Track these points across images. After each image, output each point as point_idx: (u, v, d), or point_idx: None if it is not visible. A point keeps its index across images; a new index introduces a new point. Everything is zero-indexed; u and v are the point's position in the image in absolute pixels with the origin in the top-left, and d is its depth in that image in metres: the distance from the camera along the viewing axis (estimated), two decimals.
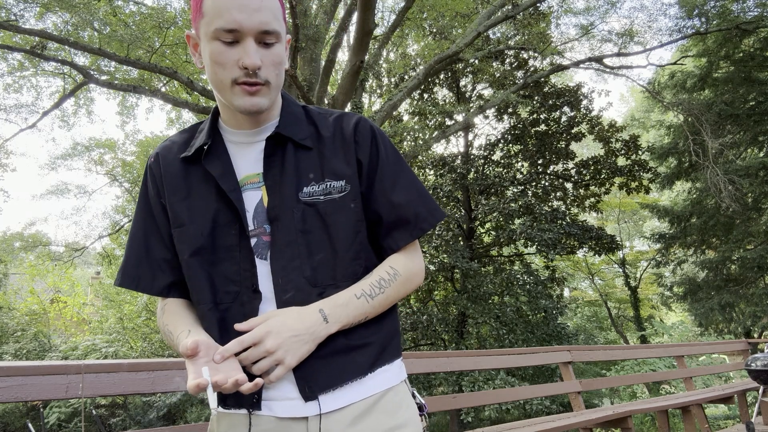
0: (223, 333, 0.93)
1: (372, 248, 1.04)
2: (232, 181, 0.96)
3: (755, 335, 13.02)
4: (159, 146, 1.06)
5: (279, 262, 0.93)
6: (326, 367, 0.92)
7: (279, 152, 0.98)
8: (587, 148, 21.80)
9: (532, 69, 12.64)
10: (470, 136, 14.05)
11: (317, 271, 0.94)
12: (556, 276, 12.26)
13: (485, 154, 13.18)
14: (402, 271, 1.01)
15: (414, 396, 1.05)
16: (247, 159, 0.99)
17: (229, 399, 0.95)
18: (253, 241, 0.95)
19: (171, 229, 1.00)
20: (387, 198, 1.00)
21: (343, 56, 12.21)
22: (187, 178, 0.99)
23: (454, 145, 14.60)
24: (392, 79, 12.80)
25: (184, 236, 0.97)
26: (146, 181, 1.04)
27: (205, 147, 0.98)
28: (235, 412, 0.95)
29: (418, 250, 1.07)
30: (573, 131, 12.37)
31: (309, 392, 0.91)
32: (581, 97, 12.25)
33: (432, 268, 11.14)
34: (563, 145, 12.47)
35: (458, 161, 12.72)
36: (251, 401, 0.93)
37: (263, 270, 0.94)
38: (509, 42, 12.05)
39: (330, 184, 0.97)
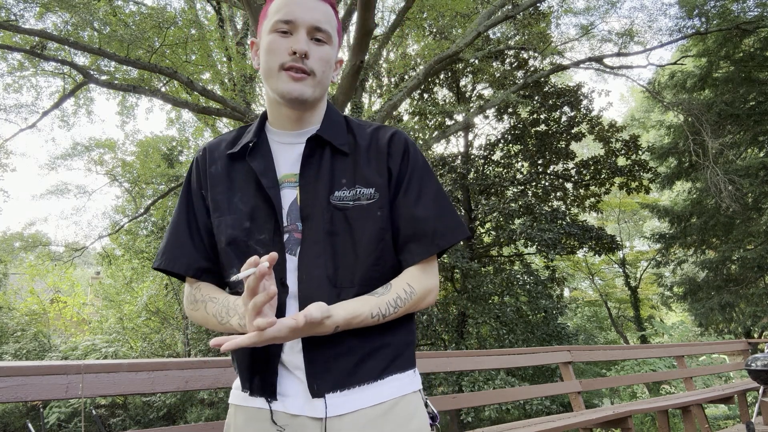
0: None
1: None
2: (272, 179, 1.02)
3: (755, 335, 13.01)
4: (208, 142, 1.14)
5: (305, 259, 0.98)
6: (337, 367, 0.95)
7: (317, 154, 1.04)
8: (587, 148, 21.80)
9: (532, 69, 12.64)
10: (470, 136, 14.06)
11: (338, 272, 0.98)
12: (556, 276, 12.26)
13: (485, 154, 13.18)
14: (418, 289, 1.01)
15: (426, 405, 1.06)
16: (287, 159, 1.05)
17: (254, 386, 0.99)
18: (285, 236, 1.00)
19: (209, 219, 1.07)
20: (409, 210, 1.03)
21: (343, 56, 12.18)
22: (231, 172, 1.06)
23: (454, 145, 14.62)
24: (392, 79, 12.80)
25: (223, 226, 1.03)
26: (191, 173, 1.11)
27: (251, 144, 1.05)
28: (252, 405, 0.99)
29: (436, 267, 1.07)
30: (573, 131, 12.37)
31: (317, 389, 0.94)
32: (581, 97, 12.24)
33: None
34: (563, 145, 12.47)
35: (458, 161, 12.72)
36: (270, 391, 0.97)
37: (291, 265, 0.98)
38: (509, 42, 12.04)
39: (360, 191, 1.01)
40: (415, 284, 1.01)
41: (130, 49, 7.79)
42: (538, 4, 10.53)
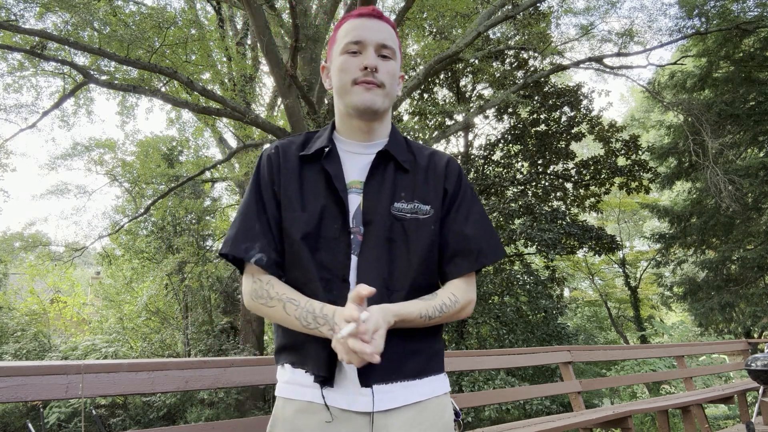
0: None
1: (438, 272, 1.19)
2: (342, 182, 1.11)
3: (755, 335, 13.01)
4: (278, 142, 1.21)
5: (364, 261, 1.07)
6: (384, 362, 0.99)
7: (382, 167, 1.14)
8: (587, 148, 21.80)
9: (532, 69, 12.63)
10: (470, 136, 14.06)
11: (393, 275, 1.08)
12: (556, 276, 12.26)
13: (485, 154, 13.18)
14: (461, 299, 1.13)
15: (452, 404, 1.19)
16: (354, 167, 1.15)
17: (308, 363, 1.07)
18: (351, 237, 1.09)
19: (279, 213, 1.13)
20: (459, 227, 1.16)
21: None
22: (302, 172, 1.14)
23: (454, 145, 14.61)
24: None
25: (296, 221, 1.10)
26: (260, 168, 1.17)
27: (326, 150, 1.14)
28: (302, 399, 1.06)
29: (475, 281, 1.20)
30: (573, 131, 12.37)
31: (366, 379, 1.03)
32: (581, 97, 12.24)
33: None
34: (563, 145, 12.47)
35: (458, 161, 12.71)
36: (330, 374, 1.04)
37: (353, 265, 1.08)
38: (509, 42, 12.04)
39: (417, 206, 1.12)
40: (459, 295, 1.13)
41: (130, 49, 7.79)
42: (538, 4, 10.53)
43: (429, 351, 1.12)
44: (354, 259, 1.07)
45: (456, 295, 1.12)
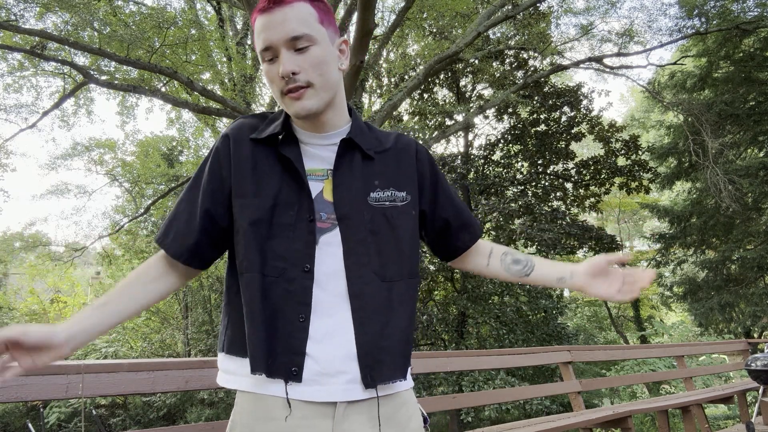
0: (264, 301, 0.98)
1: (437, 252, 1.24)
2: (302, 166, 1.04)
3: (755, 335, 13.01)
4: (228, 129, 1.12)
5: (351, 258, 1.01)
6: (388, 361, 1.00)
7: (348, 156, 1.07)
8: (587, 148, 21.79)
9: (532, 69, 12.64)
10: (470, 136, 14.05)
11: (386, 267, 1.03)
12: None
13: (485, 154, 13.18)
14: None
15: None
16: (313, 157, 1.07)
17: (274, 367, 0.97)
18: (314, 226, 1.03)
19: (225, 200, 1.05)
20: (453, 205, 1.18)
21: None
22: (254, 156, 1.05)
23: (454, 145, 14.61)
24: (392, 79, 12.80)
25: (246, 207, 1.02)
26: (208, 158, 1.10)
27: (280, 137, 1.06)
28: (265, 393, 0.97)
29: None
30: (573, 131, 12.37)
31: (371, 380, 0.97)
32: (581, 97, 12.24)
33: (432, 268, 11.13)
34: (563, 145, 12.47)
35: (458, 161, 12.72)
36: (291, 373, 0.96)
37: (317, 254, 1.00)
38: (509, 42, 12.04)
39: (393, 193, 1.08)
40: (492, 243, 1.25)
41: (130, 49, 7.79)
42: (538, 4, 10.53)
43: (411, 349, 1.09)
44: (318, 249, 1.00)
45: (493, 244, 1.24)
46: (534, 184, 12.53)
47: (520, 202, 11.26)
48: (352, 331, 0.98)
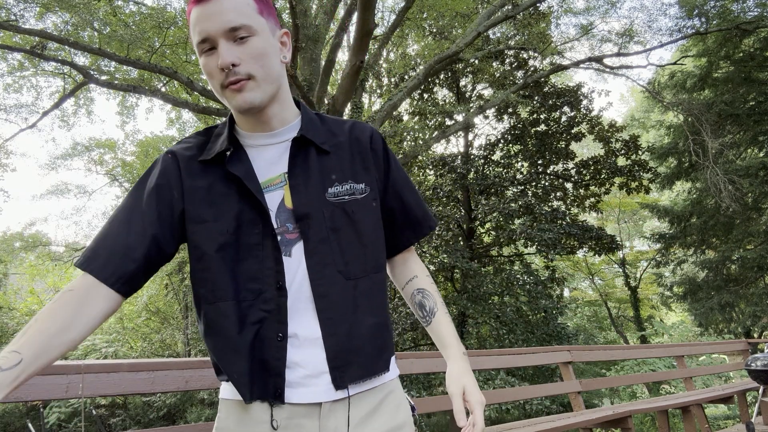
0: (242, 329, 0.95)
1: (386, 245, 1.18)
2: (256, 182, 1.00)
3: (755, 335, 13.01)
4: (174, 146, 1.08)
5: (314, 258, 0.98)
6: (361, 361, 0.99)
7: (302, 154, 1.03)
8: (587, 148, 21.79)
9: (532, 69, 12.64)
10: (470, 136, 14.06)
11: (349, 265, 1.00)
12: (556, 276, 12.26)
13: (485, 154, 13.18)
14: (428, 273, 1.17)
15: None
16: (265, 161, 1.03)
17: (255, 390, 0.96)
18: (278, 238, 0.99)
19: (175, 224, 1.00)
20: (401, 198, 1.14)
21: (343, 56, 12.21)
22: (206, 178, 1.01)
23: (454, 145, 14.62)
24: (392, 79, 12.80)
25: (208, 233, 0.98)
26: (150, 173, 1.03)
27: (228, 153, 1.01)
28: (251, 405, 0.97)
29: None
30: (573, 131, 12.37)
31: (340, 382, 0.96)
32: (581, 97, 12.25)
33: (432, 268, 11.13)
34: (563, 145, 12.47)
35: (458, 161, 12.72)
36: (275, 393, 0.95)
37: (289, 267, 0.98)
38: (509, 42, 12.04)
39: (352, 186, 1.04)
40: (422, 269, 1.17)
41: (130, 49, 7.79)
42: (538, 4, 10.53)
43: (390, 339, 1.07)
44: (287, 261, 0.97)
45: (423, 271, 1.16)
46: (534, 184, 12.53)
47: (520, 202, 11.26)
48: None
